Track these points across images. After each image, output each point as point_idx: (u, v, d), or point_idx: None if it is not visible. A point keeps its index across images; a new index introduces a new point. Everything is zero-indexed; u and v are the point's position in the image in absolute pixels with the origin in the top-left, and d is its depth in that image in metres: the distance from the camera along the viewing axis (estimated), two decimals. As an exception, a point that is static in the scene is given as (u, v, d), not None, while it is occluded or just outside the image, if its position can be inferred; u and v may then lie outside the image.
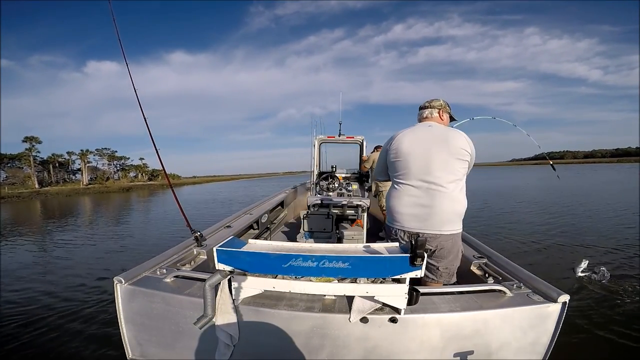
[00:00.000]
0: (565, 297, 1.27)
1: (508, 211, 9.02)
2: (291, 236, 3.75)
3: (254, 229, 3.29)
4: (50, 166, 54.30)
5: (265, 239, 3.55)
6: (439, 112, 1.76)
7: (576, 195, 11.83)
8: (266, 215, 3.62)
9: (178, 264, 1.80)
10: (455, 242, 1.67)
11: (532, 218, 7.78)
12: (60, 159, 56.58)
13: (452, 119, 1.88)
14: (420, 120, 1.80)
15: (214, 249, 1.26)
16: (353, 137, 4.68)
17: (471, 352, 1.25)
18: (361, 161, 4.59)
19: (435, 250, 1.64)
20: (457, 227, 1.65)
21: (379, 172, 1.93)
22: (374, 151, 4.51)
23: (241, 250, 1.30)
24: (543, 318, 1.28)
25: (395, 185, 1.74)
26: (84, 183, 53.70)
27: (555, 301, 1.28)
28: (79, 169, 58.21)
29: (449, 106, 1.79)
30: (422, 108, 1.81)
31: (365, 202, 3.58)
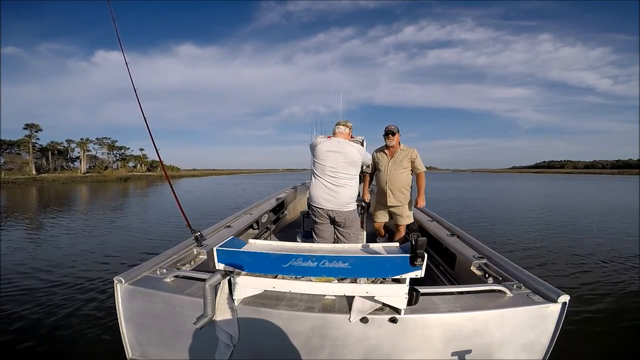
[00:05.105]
0: (565, 298, 1.27)
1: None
2: (291, 236, 3.75)
3: (254, 229, 3.28)
4: (49, 153, 53.97)
5: (265, 239, 3.55)
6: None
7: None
8: (266, 215, 3.60)
9: (178, 264, 1.80)
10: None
11: None
12: (59, 147, 56.22)
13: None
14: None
15: (214, 249, 1.26)
16: (353, 137, 4.65)
17: (471, 352, 1.25)
18: None
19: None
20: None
21: None
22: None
23: (241, 250, 1.29)
24: (543, 318, 1.28)
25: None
26: (82, 171, 53.43)
27: (555, 301, 1.28)
28: (78, 157, 57.93)
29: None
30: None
31: (365, 202, 3.58)
